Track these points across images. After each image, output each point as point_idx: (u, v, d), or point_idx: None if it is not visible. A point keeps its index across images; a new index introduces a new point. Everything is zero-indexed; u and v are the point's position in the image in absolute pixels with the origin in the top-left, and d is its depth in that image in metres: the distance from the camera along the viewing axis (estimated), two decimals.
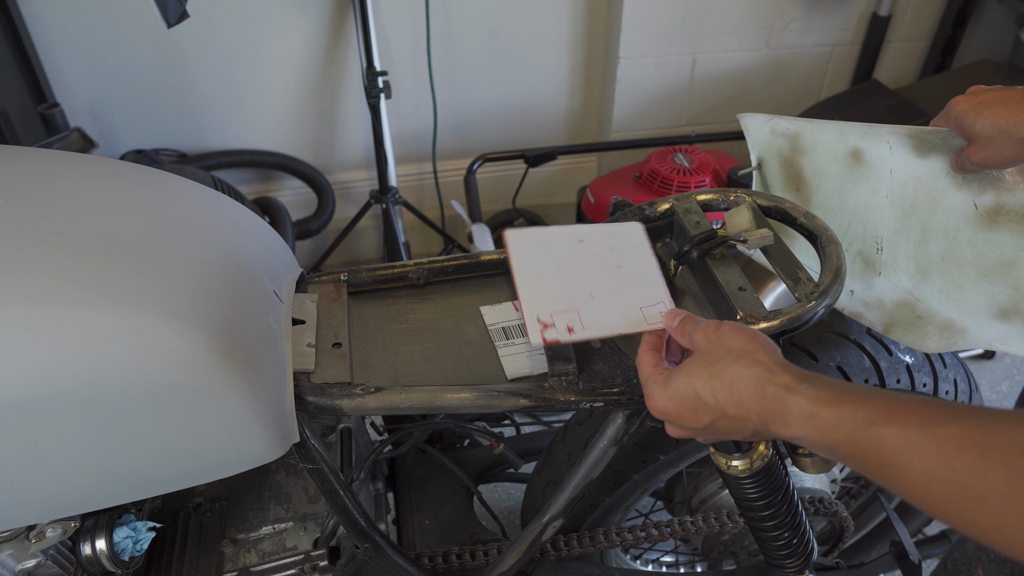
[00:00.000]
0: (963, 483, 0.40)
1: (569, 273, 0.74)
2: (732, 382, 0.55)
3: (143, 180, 0.75)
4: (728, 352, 0.57)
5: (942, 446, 0.41)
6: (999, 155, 0.75)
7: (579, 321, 0.70)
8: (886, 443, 0.44)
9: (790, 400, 0.51)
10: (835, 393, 0.49)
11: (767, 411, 0.53)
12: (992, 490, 0.39)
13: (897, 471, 0.43)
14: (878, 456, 0.45)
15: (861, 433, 0.46)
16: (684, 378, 0.59)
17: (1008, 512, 0.38)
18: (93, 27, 1.80)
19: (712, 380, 0.57)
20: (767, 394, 0.53)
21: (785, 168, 0.98)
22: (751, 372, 0.55)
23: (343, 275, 0.86)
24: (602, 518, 1.12)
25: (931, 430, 0.42)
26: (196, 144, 2.05)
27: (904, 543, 1.09)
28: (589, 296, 0.72)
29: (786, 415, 0.51)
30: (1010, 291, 0.84)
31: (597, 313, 0.71)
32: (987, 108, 0.74)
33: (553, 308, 0.71)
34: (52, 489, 0.64)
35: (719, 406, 0.56)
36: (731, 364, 0.56)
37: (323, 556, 0.94)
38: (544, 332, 0.69)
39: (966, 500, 0.40)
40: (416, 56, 2.03)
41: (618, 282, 0.74)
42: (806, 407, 0.50)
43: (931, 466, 0.41)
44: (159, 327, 0.59)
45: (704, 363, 0.58)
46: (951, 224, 0.85)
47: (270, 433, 0.68)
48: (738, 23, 2.10)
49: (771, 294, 1.19)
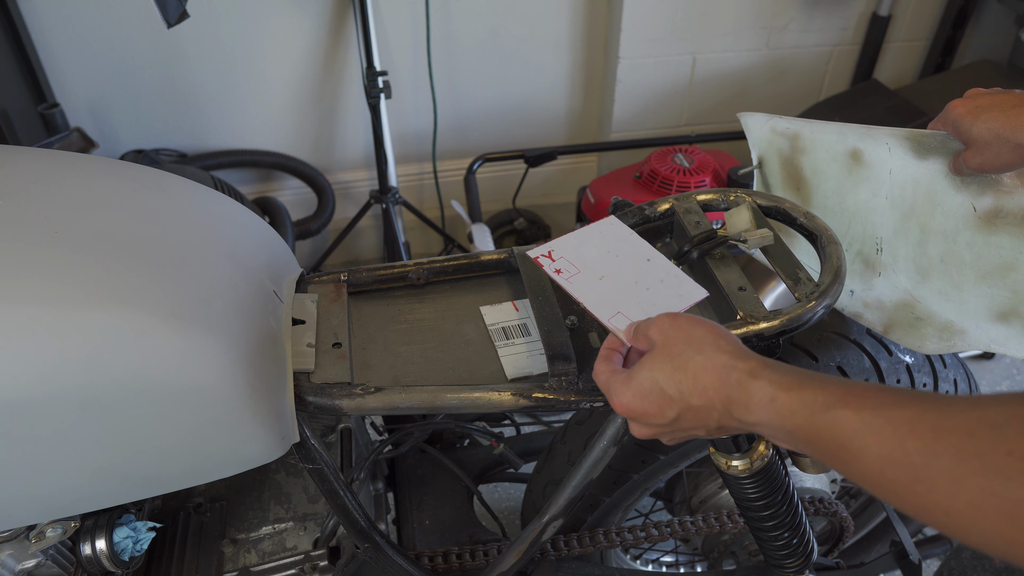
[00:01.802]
0: (915, 465, 0.40)
1: (610, 259, 0.77)
2: (696, 373, 0.55)
3: (143, 180, 0.75)
4: (690, 344, 0.57)
5: (896, 428, 0.42)
6: (995, 160, 0.75)
7: (571, 276, 0.76)
8: (843, 426, 0.44)
9: (752, 385, 0.51)
10: (796, 379, 0.50)
11: (731, 399, 0.53)
12: (942, 472, 0.39)
13: (853, 455, 0.44)
14: (835, 440, 0.45)
15: (819, 417, 0.46)
16: (647, 372, 0.58)
17: (956, 494, 0.38)
18: (93, 27, 1.80)
19: (675, 373, 0.56)
20: (731, 381, 0.53)
21: (785, 168, 0.98)
22: (715, 361, 0.54)
23: (343, 275, 0.86)
24: (602, 518, 1.12)
25: (886, 413, 0.43)
26: (196, 144, 2.05)
27: (904, 543, 1.09)
28: (600, 276, 0.76)
29: (748, 400, 0.52)
30: (1009, 293, 0.84)
31: (588, 284, 0.74)
32: (984, 112, 0.74)
33: (567, 256, 0.77)
34: (52, 489, 0.64)
35: (683, 398, 0.56)
36: (694, 355, 0.56)
37: (323, 556, 0.94)
38: (542, 258, 0.76)
39: (917, 483, 0.40)
40: (416, 56, 2.03)
41: (631, 293, 0.74)
42: (768, 391, 0.50)
43: (885, 449, 0.42)
44: (159, 327, 0.59)
45: (666, 356, 0.58)
46: (950, 226, 0.85)
47: (270, 433, 0.68)
48: (738, 23, 2.10)
49: (771, 294, 1.19)
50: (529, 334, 0.81)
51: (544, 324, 0.77)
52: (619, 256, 0.77)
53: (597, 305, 0.72)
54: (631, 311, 0.71)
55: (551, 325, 0.77)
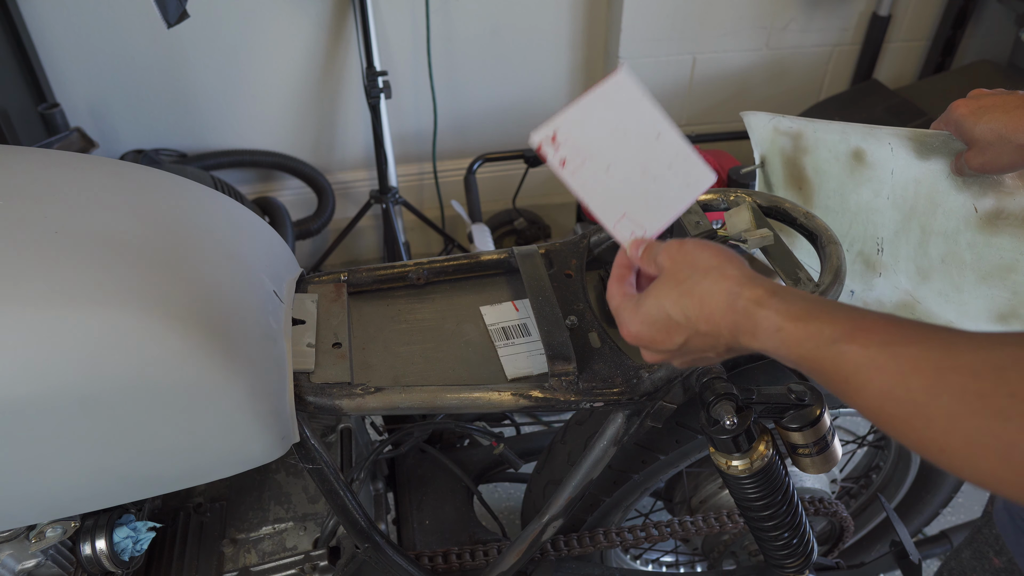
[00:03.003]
0: (916, 402, 0.41)
1: (617, 139, 0.67)
2: (703, 298, 0.55)
3: (143, 180, 0.75)
4: (696, 269, 0.57)
5: (900, 365, 0.42)
6: (997, 160, 0.75)
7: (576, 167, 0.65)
8: (848, 360, 0.45)
9: (759, 313, 0.51)
10: (803, 308, 0.50)
11: (737, 325, 0.53)
12: (941, 410, 0.39)
13: (855, 388, 0.44)
14: (839, 373, 0.45)
15: (825, 350, 0.46)
16: (654, 299, 0.58)
17: (953, 431, 0.39)
18: (93, 27, 1.80)
19: (682, 299, 0.56)
20: (738, 308, 0.53)
21: (787, 167, 0.98)
22: (721, 287, 0.54)
23: (343, 275, 0.86)
24: (602, 518, 1.11)
25: (892, 349, 0.43)
26: (196, 144, 2.05)
27: (904, 543, 1.09)
28: (606, 166, 0.66)
29: (755, 328, 0.51)
30: (1009, 295, 0.84)
31: (593, 178, 0.65)
32: (987, 113, 0.74)
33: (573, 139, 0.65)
34: (52, 489, 0.64)
35: (691, 324, 0.56)
36: (700, 280, 0.56)
37: (323, 556, 0.94)
38: (545, 143, 0.64)
39: (917, 419, 0.41)
40: (416, 56, 2.03)
41: (638, 184, 0.67)
42: (774, 321, 0.50)
43: (888, 385, 0.42)
44: (159, 327, 0.59)
45: (673, 282, 0.57)
46: (951, 227, 0.85)
47: (270, 433, 0.68)
48: (738, 23, 2.10)
49: None
50: (529, 334, 0.81)
51: (544, 324, 0.77)
52: (627, 134, 0.67)
53: (602, 208, 0.66)
54: (637, 212, 0.66)
55: (551, 325, 0.77)
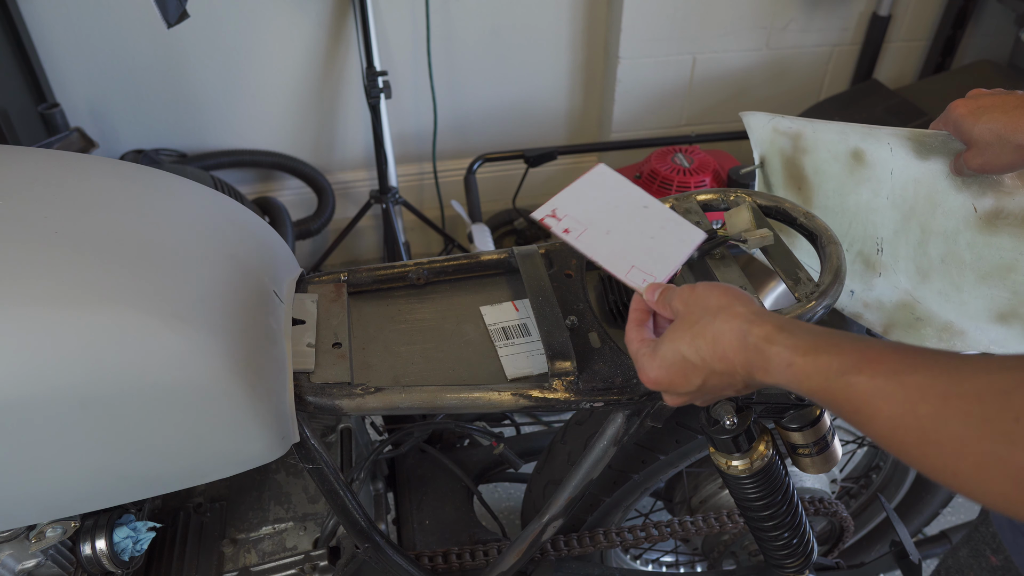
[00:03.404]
0: (925, 429, 0.42)
1: (610, 211, 0.76)
2: (715, 338, 0.57)
3: (143, 180, 0.75)
4: (706, 310, 0.59)
5: (908, 394, 0.43)
6: (996, 160, 0.75)
7: (580, 233, 0.73)
8: (857, 391, 0.46)
9: (770, 350, 0.53)
10: (812, 342, 0.51)
11: (750, 362, 0.54)
12: (950, 436, 0.40)
13: (867, 417, 0.46)
14: (849, 403, 0.47)
15: (834, 382, 0.48)
16: (669, 344, 0.60)
17: (963, 456, 0.40)
18: (93, 27, 1.80)
19: (695, 340, 0.58)
20: (749, 345, 0.54)
21: (787, 167, 0.98)
22: (732, 326, 0.56)
23: (343, 275, 0.86)
24: (602, 518, 1.11)
25: (899, 378, 0.44)
26: (196, 144, 2.05)
27: (904, 543, 1.09)
28: (606, 230, 0.74)
29: (767, 364, 0.53)
30: (1008, 294, 0.84)
31: (598, 240, 0.73)
32: (986, 113, 0.74)
33: (571, 213, 0.75)
34: (52, 489, 0.64)
35: (706, 364, 0.58)
36: (711, 321, 0.57)
37: (323, 556, 0.94)
38: (547, 219, 0.73)
39: (927, 445, 0.42)
40: (416, 56, 2.03)
41: (638, 243, 0.74)
42: (785, 356, 0.52)
43: (897, 412, 0.43)
44: (159, 327, 0.59)
45: (685, 325, 0.59)
46: (951, 227, 0.85)
47: (270, 433, 0.68)
48: (738, 23, 2.10)
49: (771, 294, 1.19)
50: (529, 334, 0.81)
51: (544, 324, 0.77)
52: (618, 207, 0.76)
53: (612, 262, 0.72)
54: (644, 263, 0.72)
55: (551, 325, 0.77)
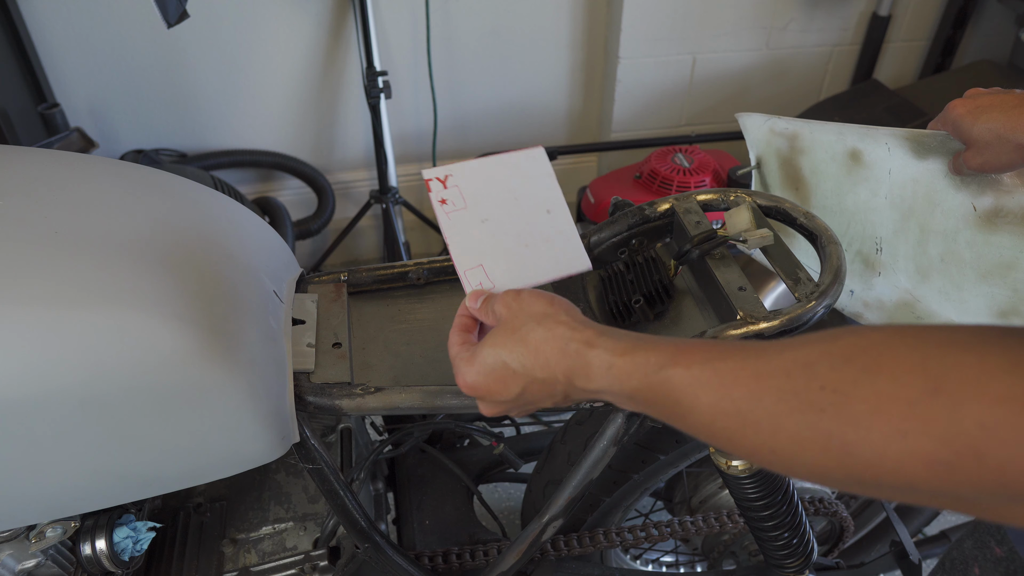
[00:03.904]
0: (742, 412, 0.43)
1: (506, 200, 0.69)
2: (538, 346, 0.56)
3: (143, 180, 0.75)
4: (530, 317, 0.58)
5: (723, 379, 0.44)
6: (996, 160, 0.75)
7: (452, 211, 0.67)
8: (675, 383, 0.47)
9: (590, 354, 0.53)
10: (630, 343, 0.52)
11: (572, 369, 0.54)
12: (765, 413, 0.41)
13: (687, 409, 0.46)
14: (669, 397, 0.48)
15: (653, 377, 0.49)
16: (490, 348, 0.59)
17: (778, 432, 0.41)
18: (93, 27, 1.80)
19: (517, 347, 0.57)
20: (570, 351, 0.54)
21: (784, 168, 0.98)
22: (554, 333, 0.56)
23: (343, 275, 0.86)
24: (602, 518, 1.12)
25: (713, 365, 0.45)
26: (196, 144, 2.05)
27: (904, 543, 1.09)
28: (483, 218, 0.68)
29: (588, 368, 0.53)
30: (1009, 292, 0.84)
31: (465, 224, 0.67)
32: (984, 113, 0.74)
33: (461, 187, 0.67)
34: (52, 489, 0.64)
35: (527, 372, 0.57)
36: (535, 328, 0.57)
37: (323, 556, 0.94)
38: (433, 181, 0.66)
39: (745, 427, 0.43)
40: (416, 56, 2.03)
41: (507, 245, 0.68)
42: (604, 358, 0.52)
43: (714, 399, 0.44)
44: (159, 327, 0.59)
45: (508, 331, 0.58)
46: (950, 225, 0.85)
47: (270, 433, 0.68)
48: (738, 23, 2.10)
49: (771, 294, 1.19)
50: None
51: None
52: (519, 200, 0.69)
53: (461, 252, 0.66)
54: (494, 267, 0.67)
55: None
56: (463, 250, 0.66)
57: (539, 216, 0.69)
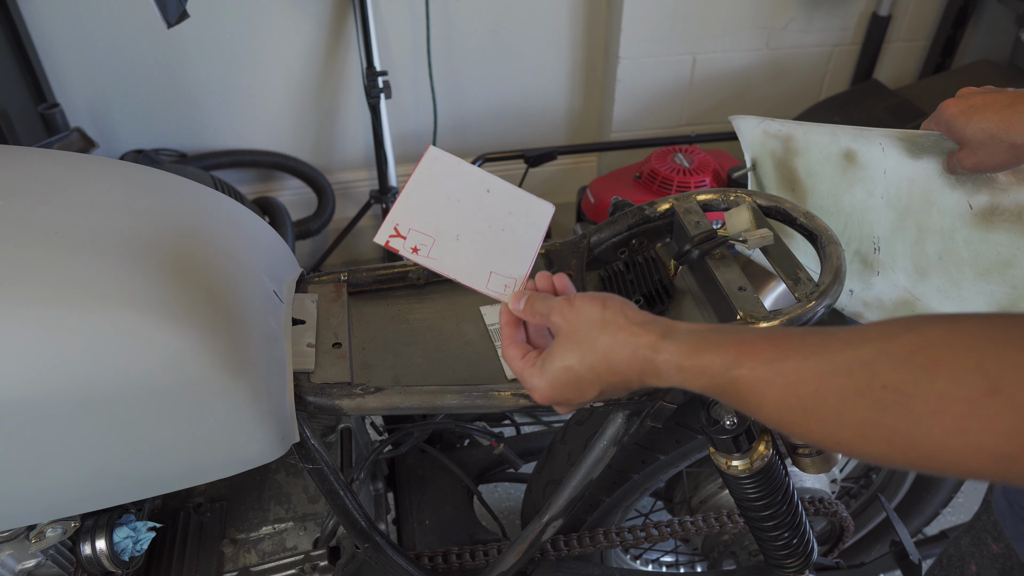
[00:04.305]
0: (807, 408, 0.46)
1: (453, 208, 0.71)
2: (606, 353, 0.58)
3: (143, 180, 0.75)
4: (591, 324, 0.59)
5: (786, 379, 0.47)
6: (989, 160, 0.75)
7: (429, 249, 0.68)
8: (741, 385, 0.50)
9: (658, 359, 0.55)
10: (695, 344, 0.54)
11: (643, 371, 0.57)
12: (829, 410, 0.44)
13: (756, 406, 0.49)
14: (738, 396, 0.51)
15: (721, 378, 0.51)
16: (558, 361, 0.61)
17: (843, 426, 0.44)
18: (93, 27, 1.80)
19: (587, 356, 0.59)
20: (639, 357, 0.56)
21: (779, 169, 0.98)
22: (619, 339, 0.58)
23: (343, 275, 0.86)
24: (602, 518, 1.11)
25: (776, 367, 0.48)
26: (196, 144, 2.05)
27: (904, 543, 1.09)
28: (455, 235, 0.69)
29: (658, 371, 0.56)
30: (1008, 289, 0.84)
31: (450, 252, 0.68)
32: (977, 113, 0.74)
33: (414, 226, 0.68)
34: (52, 489, 0.64)
35: (600, 378, 0.59)
36: (599, 335, 0.59)
37: (323, 556, 0.94)
38: (391, 240, 0.67)
39: (811, 421, 0.46)
40: (416, 56, 2.03)
41: (490, 241, 0.70)
42: (673, 362, 0.54)
43: (780, 398, 0.47)
44: (159, 327, 0.59)
45: (573, 341, 0.60)
46: (947, 224, 0.85)
47: (270, 433, 0.68)
48: (738, 23, 2.10)
49: (771, 294, 1.19)
50: None
51: None
52: (460, 199, 0.71)
53: (469, 275, 0.68)
54: (501, 264, 0.69)
55: None
56: (468, 273, 0.68)
57: (485, 199, 0.72)
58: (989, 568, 0.74)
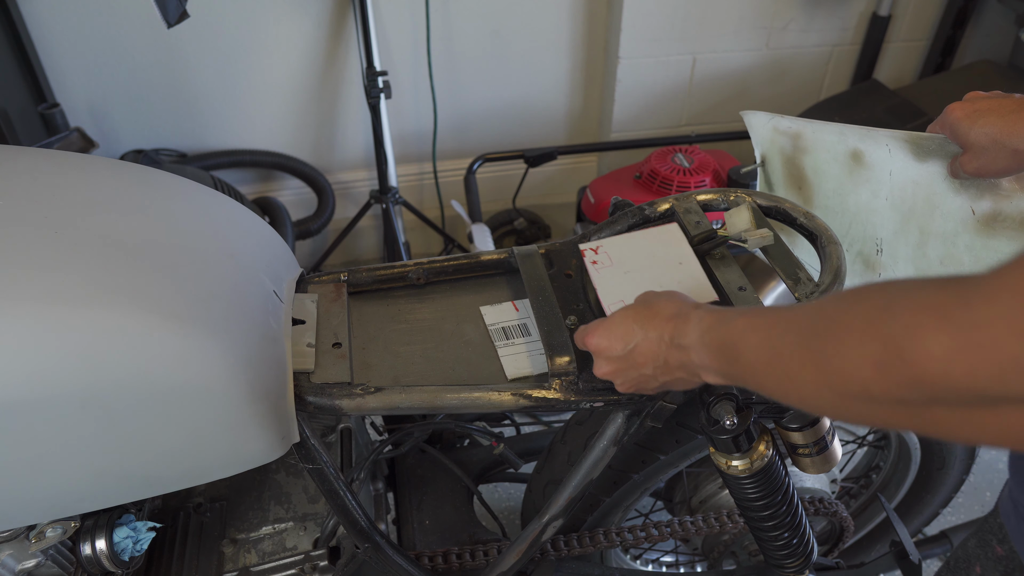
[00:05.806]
0: (775, 346, 0.51)
1: (647, 261, 0.82)
2: (657, 308, 0.65)
3: (143, 180, 0.75)
4: (657, 295, 0.68)
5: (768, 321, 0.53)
6: (992, 165, 0.75)
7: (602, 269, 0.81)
8: (735, 328, 0.56)
9: (693, 313, 0.62)
10: (724, 309, 0.60)
11: (676, 326, 0.63)
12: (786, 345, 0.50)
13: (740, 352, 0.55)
14: (728, 341, 0.57)
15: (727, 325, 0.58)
16: (620, 312, 0.68)
17: (792, 357, 0.49)
18: (93, 27, 1.80)
19: (641, 309, 0.66)
20: (682, 311, 0.63)
21: (787, 167, 0.98)
22: (674, 301, 0.65)
23: (343, 275, 0.86)
24: (602, 518, 1.11)
25: (766, 316, 0.54)
26: (196, 144, 2.05)
27: (904, 543, 1.09)
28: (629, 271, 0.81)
29: (687, 324, 0.62)
30: None
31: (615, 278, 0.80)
32: (982, 117, 0.73)
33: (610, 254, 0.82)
34: (52, 489, 0.64)
35: (644, 330, 0.65)
36: (659, 297, 0.67)
37: (323, 556, 0.94)
38: (587, 251, 0.82)
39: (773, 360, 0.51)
40: (416, 56, 2.03)
41: (650, 285, 0.78)
42: (701, 315, 0.61)
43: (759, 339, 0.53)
44: (159, 327, 0.59)
45: (638, 301, 0.68)
46: (949, 229, 0.85)
47: (270, 433, 0.68)
48: (738, 23, 2.10)
49: (771, 294, 1.19)
50: (529, 334, 0.81)
51: (544, 324, 0.77)
52: (655, 256, 0.81)
53: (606, 293, 0.77)
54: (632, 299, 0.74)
55: (551, 325, 0.77)
56: (608, 291, 0.78)
57: (672, 267, 0.80)
58: (993, 570, 0.74)
